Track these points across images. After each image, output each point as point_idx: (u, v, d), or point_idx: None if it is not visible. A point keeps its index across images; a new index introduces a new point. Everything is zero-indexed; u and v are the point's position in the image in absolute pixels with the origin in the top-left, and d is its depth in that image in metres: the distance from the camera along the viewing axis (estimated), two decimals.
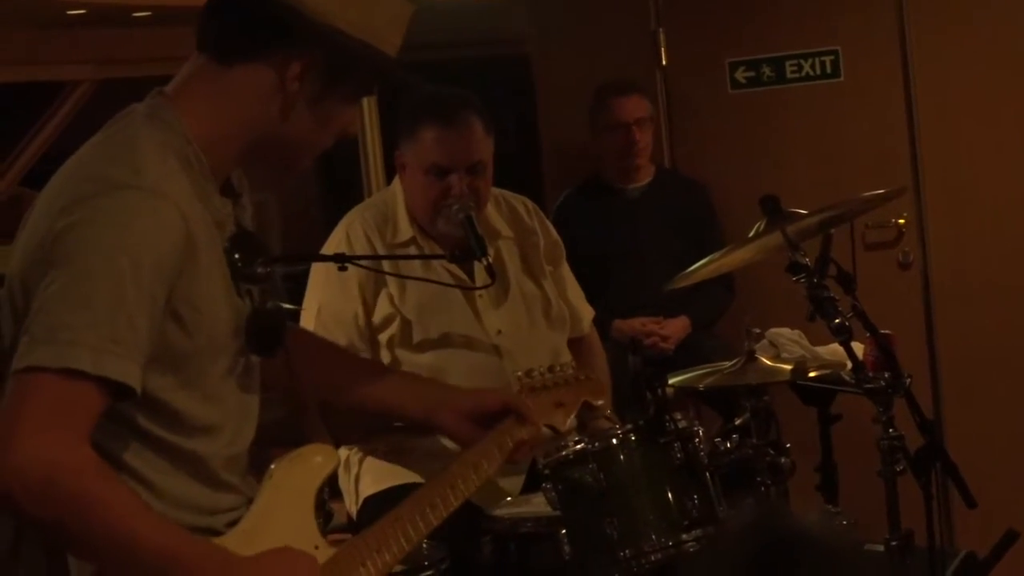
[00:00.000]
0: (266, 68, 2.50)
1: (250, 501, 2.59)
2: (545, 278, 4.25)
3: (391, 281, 4.05)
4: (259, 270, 2.59)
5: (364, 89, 2.69)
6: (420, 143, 4.06)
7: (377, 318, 4.07)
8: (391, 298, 4.06)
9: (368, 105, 6.91)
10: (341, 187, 7.36)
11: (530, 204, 4.36)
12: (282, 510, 2.61)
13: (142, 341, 2.33)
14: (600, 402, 3.53)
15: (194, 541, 2.41)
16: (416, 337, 4.05)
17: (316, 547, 2.62)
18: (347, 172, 7.20)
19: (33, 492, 2.24)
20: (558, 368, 3.33)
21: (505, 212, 4.27)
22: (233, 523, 2.55)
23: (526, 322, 4.18)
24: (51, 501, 2.25)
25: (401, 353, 4.06)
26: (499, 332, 4.11)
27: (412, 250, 4.10)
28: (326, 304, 4.07)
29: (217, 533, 2.52)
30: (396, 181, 4.23)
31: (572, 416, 3.38)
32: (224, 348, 2.52)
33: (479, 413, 3.03)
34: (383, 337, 4.07)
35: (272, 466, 2.64)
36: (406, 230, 4.13)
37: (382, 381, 3.08)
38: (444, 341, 4.07)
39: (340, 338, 4.04)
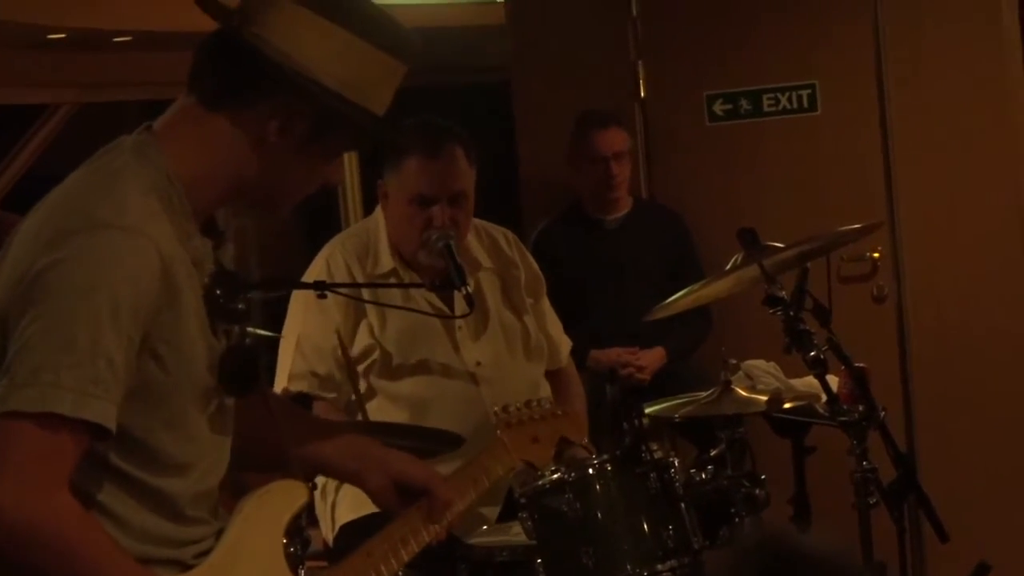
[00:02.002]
0: (250, 117, 2.49)
1: (220, 532, 2.58)
2: (525, 310, 4.28)
3: (371, 311, 4.07)
4: (239, 307, 2.58)
5: (347, 145, 2.68)
6: (404, 173, 4.08)
7: (357, 348, 4.09)
8: (371, 328, 4.08)
9: None
10: (319, 214, 7.38)
11: (511, 236, 4.39)
12: (251, 545, 2.59)
13: (120, 382, 2.34)
14: (577, 439, 3.53)
15: None
16: (395, 367, 4.08)
17: None
18: (325, 199, 7.22)
19: (15, 539, 2.27)
20: (535, 403, 3.32)
21: (486, 243, 4.30)
22: (202, 554, 2.54)
23: (505, 354, 4.20)
24: (33, 548, 2.28)
25: (380, 383, 4.09)
26: (478, 363, 4.14)
27: (392, 281, 4.12)
28: (306, 334, 4.09)
29: (186, 566, 2.51)
30: (378, 210, 4.25)
31: (550, 453, 3.36)
32: (200, 387, 2.50)
33: (404, 482, 2.90)
34: (362, 367, 4.09)
35: (242, 501, 2.63)
36: (387, 261, 4.15)
37: (316, 435, 2.93)
38: (423, 372, 4.10)
39: (319, 367, 4.07)
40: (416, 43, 2.61)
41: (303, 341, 4.09)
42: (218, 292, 2.54)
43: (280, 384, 4.11)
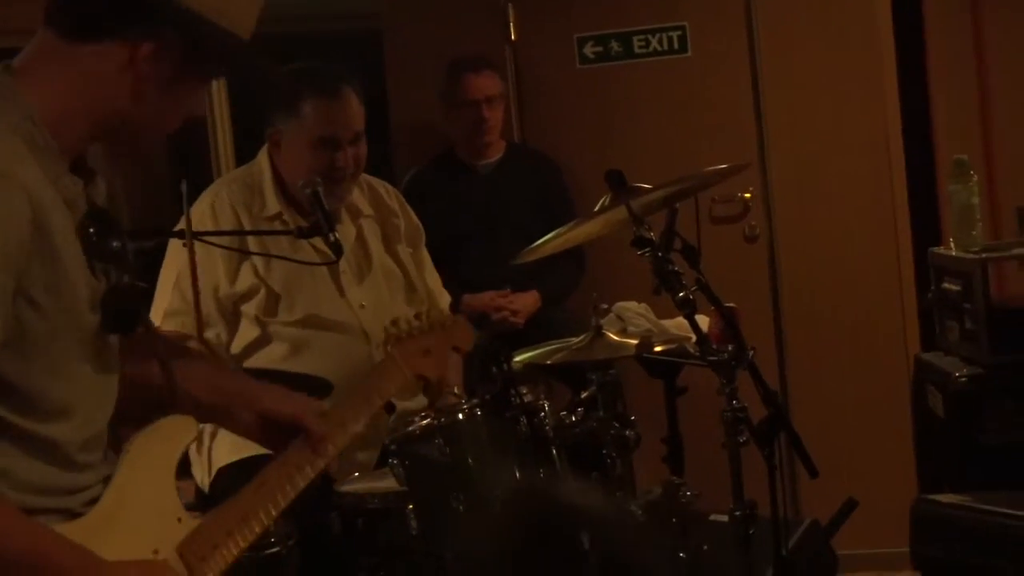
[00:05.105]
0: (116, 48, 2.43)
1: (108, 478, 2.54)
2: (405, 259, 4.33)
3: (256, 250, 4.06)
4: (114, 245, 2.52)
5: (215, 72, 2.64)
6: (304, 117, 4.11)
7: (240, 287, 4.10)
8: (255, 269, 4.09)
9: (217, 86, 6.85)
10: (191, 165, 7.30)
11: (391, 188, 4.46)
12: (141, 485, 2.56)
13: None
14: (467, 348, 3.50)
15: (64, 543, 2.38)
16: (282, 309, 4.10)
17: (179, 519, 2.59)
18: (197, 148, 7.15)
19: None
20: (424, 315, 3.30)
21: (367, 193, 4.35)
22: (91, 502, 2.50)
23: (387, 298, 4.24)
24: None
25: (267, 323, 4.10)
26: (361, 306, 4.18)
27: (278, 224, 4.13)
28: (185, 272, 4.05)
29: (76, 514, 2.48)
30: (262, 155, 4.25)
31: (444, 364, 3.32)
32: (83, 328, 2.46)
33: (272, 418, 2.85)
34: (248, 308, 4.10)
35: (129, 440, 2.59)
36: (273, 204, 4.16)
37: (188, 371, 2.82)
38: (309, 314, 4.11)
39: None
40: None
41: (182, 279, 4.05)
42: (92, 231, 2.48)
43: (155, 321, 4.07)
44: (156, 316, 4.09)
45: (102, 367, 2.54)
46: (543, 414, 3.45)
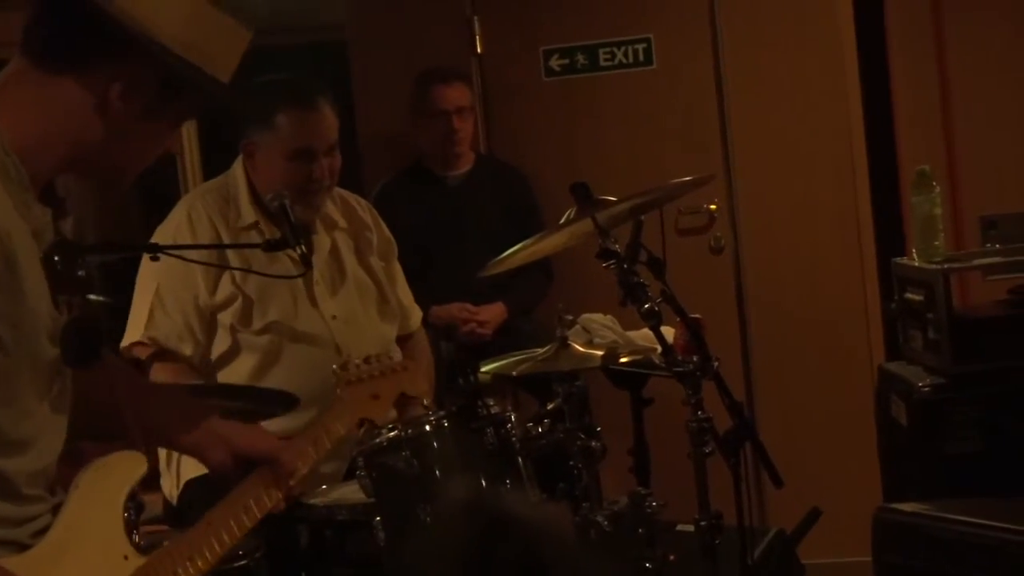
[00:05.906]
0: (90, 82, 2.40)
1: (56, 509, 2.52)
2: (378, 272, 4.35)
3: (234, 260, 4.08)
4: (79, 274, 2.49)
5: (191, 112, 2.60)
6: (279, 129, 4.11)
7: (219, 298, 4.10)
8: (233, 277, 4.09)
9: None
10: (158, 182, 7.30)
11: (364, 202, 4.49)
12: (90, 521, 2.54)
13: None
14: (417, 394, 3.53)
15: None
16: (255, 318, 4.11)
17: (125, 557, 2.57)
18: (163, 166, 7.13)
19: None
20: (374, 359, 3.32)
21: (340, 206, 4.36)
22: (38, 533, 2.48)
23: (360, 310, 4.26)
24: None
25: (240, 333, 4.11)
26: (334, 317, 4.18)
27: (254, 234, 4.13)
28: (165, 284, 4.07)
29: (23, 546, 2.45)
30: (237, 166, 4.25)
31: (390, 408, 3.37)
32: (42, 362, 2.44)
33: (250, 457, 2.88)
34: (224, 317, 4.11)
35: (79, 475, 2.57)
36: (249, 214, 4.17)
37: (157, 405, 2.87)
38: (281, 324, 4.12)
39: (176, 317, 4.07)
40: (262, 10, 2.54)
41: (162, 290, 4.07)
42: (57, 261, 2.45)
43: (134, 334, 4.07)
44: (135, 328, 4.10)
45: (57, 404, 2.51)
46: (509, 425, 3.46)
